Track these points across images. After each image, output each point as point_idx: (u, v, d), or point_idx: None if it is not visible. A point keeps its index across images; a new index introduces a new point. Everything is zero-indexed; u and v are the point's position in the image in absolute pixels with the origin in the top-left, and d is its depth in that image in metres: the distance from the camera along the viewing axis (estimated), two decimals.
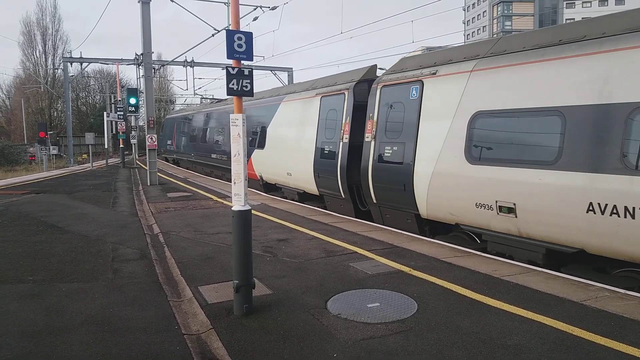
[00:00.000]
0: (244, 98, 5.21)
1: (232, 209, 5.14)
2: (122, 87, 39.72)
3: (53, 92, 55.42)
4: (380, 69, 12.43)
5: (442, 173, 8.28)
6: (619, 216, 5.78)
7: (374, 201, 10.25)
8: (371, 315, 4.94)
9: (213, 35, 20.01)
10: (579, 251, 6.49)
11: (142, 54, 18.99)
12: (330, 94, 12.40)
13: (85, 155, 44.61)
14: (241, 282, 5.04)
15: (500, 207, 7.28)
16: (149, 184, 18.29)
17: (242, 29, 5.18)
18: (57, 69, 53.65)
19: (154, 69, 21.87)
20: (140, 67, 27.58)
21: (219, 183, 19.09)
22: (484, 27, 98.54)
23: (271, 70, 40.30)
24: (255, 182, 16.61)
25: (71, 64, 39.29)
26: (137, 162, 35.35)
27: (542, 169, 6.64)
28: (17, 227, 10.11)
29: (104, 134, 36.64)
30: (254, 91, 5.21)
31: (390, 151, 9.62)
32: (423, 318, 4.84)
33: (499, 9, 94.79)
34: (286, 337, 4.47)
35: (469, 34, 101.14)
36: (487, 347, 4.17)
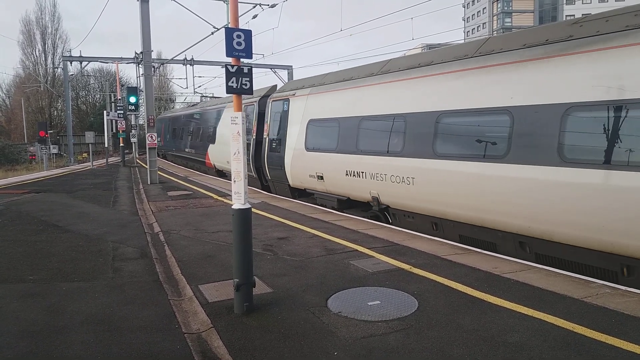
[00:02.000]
0: (214, 101, 5.21)
1: (232, 207, 5.13)
2: (122, 85, 39.68)
3: (53, 91, 55.39)
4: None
5: (295, 158, 13.36)
6: (356, 177, 10.64)
7: (269, 178, 15.65)
8: (372, 313, 4.94)
9: (212, 33, 19.98)
10: (347, 199, 11.37)
11: (141, 53, 18.96)
12: (247, 104, 17.28)
13: (85, 154, 44.58)
14: (241, 281, 5.03)
15: (318, 176, 12.21)
16: (149, 183, 18.29)
17: (241, 26, 5.17)
18: (57, 68, 53.64)
19: (153, 67, 21.84)
20: (140, 65, 27.58)
21: (219, 182, 19.09)
22: (483, 24, 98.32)
23: (271, 68, 40.23)
24: (211, 170, 23.35)
25: (71, 63, 39.23)
26: (138, 160, 35.37)
27: (331, 153, 11.58)
28: (18, 226, 10.11)
29: (104, 133, 36.60)
30: (220, 96, 5.33)
31: (275, 144, 14.82)
32: (423, 316, 4.84)
33: (499, 5, 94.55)
34: (287, 335, 4.47)
35: (469, 31, 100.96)
36: (488, 345, 4.16)
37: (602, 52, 6.20)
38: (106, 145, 36.14)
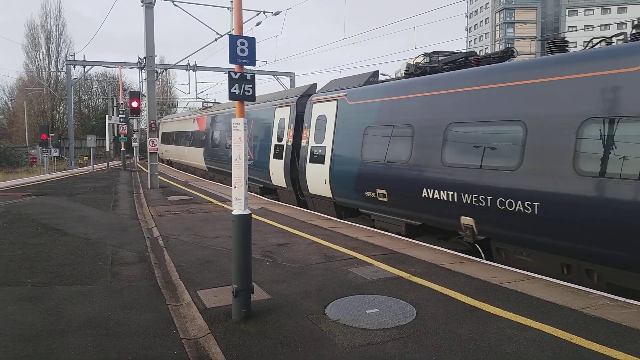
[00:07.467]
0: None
1: (232, 213, 5.14)
2: (125, 90, 39.85)
3: (56, 95, 55.52)
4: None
5: (168, 148, 34.24)
6: (175, 153, 32.28)
7: (164, 159, 36.17)
8: (370, 321, 4.93)
9: (216, 39, 20.08)
10: (171, 161, 34.58)
11: (145, 58, 19.05)
12: (161, 123, 37.00)
13: (86, 158, 44.72)
14: (240, 287, 5.03)
15: (169, 153, 34.38)
16: (149, 187, 18.30)
17: (245, 33, 5.20)
18: (60, 71, 53.84)
19: (156, 72, 21.94)
20: (143, 70, 27.73)
21: (219, 187, 19.10)
22: (486, 33, 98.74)
23: (273, 75, 40.41)
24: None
25: (74, 67, 39.41)
26: (138, 165, 35.44)
27: (170, 145, 32.92)
28: (17, 229, 10.12)
29: (105, 137, 36.72)
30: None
31: (163, 141, 35.23)
32: (422, 324, 4.83)
33: (502, 16, 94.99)
34: (284, 342, 4.46)
35: (471, 41, 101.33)
36: (486, 355, 4.15)
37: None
38: (107, 149, 36.23)
